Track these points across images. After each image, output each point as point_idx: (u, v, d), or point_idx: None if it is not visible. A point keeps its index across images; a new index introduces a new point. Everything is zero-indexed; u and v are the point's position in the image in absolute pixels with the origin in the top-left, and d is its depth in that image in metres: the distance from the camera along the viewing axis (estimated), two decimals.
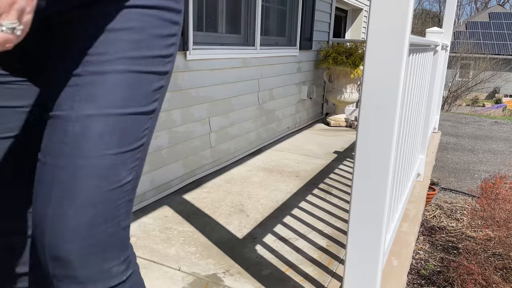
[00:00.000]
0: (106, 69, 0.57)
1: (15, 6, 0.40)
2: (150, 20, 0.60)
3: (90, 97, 0.56)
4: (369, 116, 1.11)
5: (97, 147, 0.56)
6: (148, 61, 0.61)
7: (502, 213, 3.03)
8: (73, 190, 0.56)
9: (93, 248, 0.59)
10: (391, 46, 1.05)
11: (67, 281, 0.58)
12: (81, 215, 0.57)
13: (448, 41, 3.69)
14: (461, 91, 16.59)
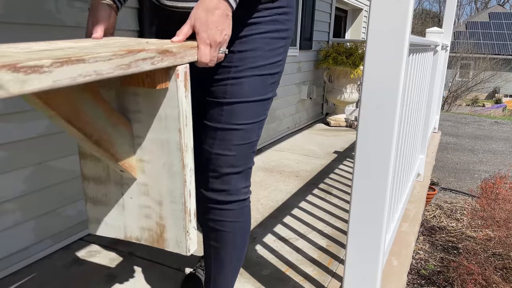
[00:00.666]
0: (240, 75, 0.97)
1: (225, 39, 0.82)
2: (266, 41, 0.98)
3: (233, 91, 0.98)
4: (369, 116, 1.11)
5: (240, 119, 0.99)
6: (265, 67, 0.99)
7: (502, 213, 3.03)
8: (227, 141, 1.00)
9: (236, 175, 1.03)
10: (391, 46, 1.05)
11: (219, 192, 1.03)
12: (230, 155, 1.01)
13: (448, 41, 3.69)
14: (461, 91, 16.59)
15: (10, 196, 1.46)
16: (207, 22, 0.80)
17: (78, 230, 1.77)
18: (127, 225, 0.91)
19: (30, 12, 1.44)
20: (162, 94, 0.77)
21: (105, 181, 0.90)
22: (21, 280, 1.48)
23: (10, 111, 1.42)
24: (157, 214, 0.87)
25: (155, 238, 0.89)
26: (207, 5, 0.80)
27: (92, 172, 0.91)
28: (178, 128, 0.78)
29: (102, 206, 0.93)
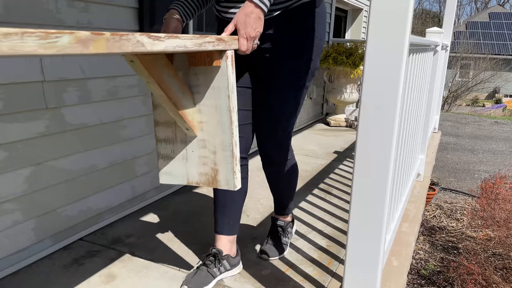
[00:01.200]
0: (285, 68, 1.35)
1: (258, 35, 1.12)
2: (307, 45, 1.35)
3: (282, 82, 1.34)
4: (369, 116, 1.11)
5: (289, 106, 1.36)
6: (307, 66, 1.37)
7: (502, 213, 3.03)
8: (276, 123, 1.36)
9: (282, 150, 1.45)
10: (391, 46, 1.05)
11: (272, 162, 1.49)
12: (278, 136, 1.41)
13: (448, 41, 3.69)
14: (461, 91, 16.59)
15: (10, 196, 1.46)
16: (245, 22, 1.12)
17: (78, 230, 1.77)
18: (189, 173, 1.26)
19: (30, 12, 1.44)
20: (216, 71, 1.10)
21: (173, 140, 1.26)
22: (21, 280, 1.48)
23: (10, 111, 1.42)
24: (212, 161, 1.20)
25: (210, 180, 1.22)
26: (245, 10, 1.12)
27: (163, 135, 1.27)
28: (228, 95, 1.11)
29: (170, 160, 1.28)
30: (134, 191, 2.06)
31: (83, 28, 1.65)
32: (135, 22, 1.93)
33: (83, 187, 1.76)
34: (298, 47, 1.33)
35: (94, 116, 1.76)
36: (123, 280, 1.50)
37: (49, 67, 1.53)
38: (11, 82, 1.41)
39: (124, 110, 1.91)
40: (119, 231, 1.87)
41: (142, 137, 2.06)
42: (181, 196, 2.30)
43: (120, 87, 1.87)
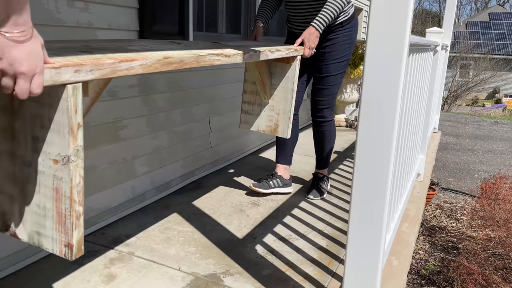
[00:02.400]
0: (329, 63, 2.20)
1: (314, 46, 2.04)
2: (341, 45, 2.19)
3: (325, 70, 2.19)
4: (369, 116, 1.11)
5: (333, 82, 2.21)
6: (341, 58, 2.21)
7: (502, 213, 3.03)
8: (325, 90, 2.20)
9: (328, 108, 2.24)
10: (391, 46, 1.05)
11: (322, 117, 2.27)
12: (326, 99, 2.22)
13: (448, 41, 3.69)
14: (461, 91, 16.59)
15: None
16: (309, 39, 1.97)
17: None
18: (259, 124, 2.05)
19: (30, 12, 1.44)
20: (289, 67, 1.90)
21: (253, 103, 2.05)
22: (21, 280, 1.48)
23: None
24: (275, 119, 2.00)
25: (271, 130, 2.02)
26: (310, 31, 1.98)
27: (247, 99, 2.05)
28: (293, 81, 1.91)
29: (249, 115, 2.07)
30: (134, 191, 2.06)
31: (83, 28, 1.65)
32: (135, 22, 1.93)
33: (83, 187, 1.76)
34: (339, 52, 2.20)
35: (94, 116, 1.76)
36: (123, 280, 1.50)
37: None
38: None
39: (124, 110, 1.91)
40: (119, 231, 1.87)
41: (142, 137, 2.06)
42: (181, 196, 2.30)
43: (120, 87, 1.87)
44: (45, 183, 0.88)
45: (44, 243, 0.92)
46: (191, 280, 1.52)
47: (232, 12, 3.07)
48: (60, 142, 0.83)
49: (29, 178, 0.89)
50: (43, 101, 0.83)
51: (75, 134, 0.83)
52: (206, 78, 2.55)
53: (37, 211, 0.91)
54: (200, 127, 2.55)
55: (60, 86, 0.79)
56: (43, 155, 0.86)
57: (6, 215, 0.94)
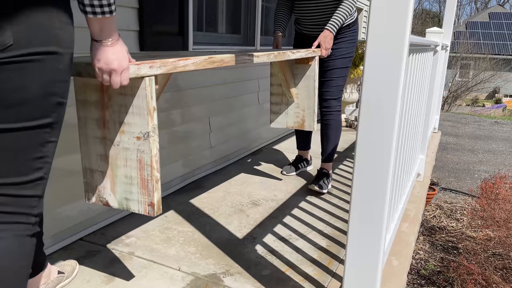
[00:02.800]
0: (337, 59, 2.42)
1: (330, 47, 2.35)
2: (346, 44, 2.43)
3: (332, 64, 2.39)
4: (369, 116, 1.11)
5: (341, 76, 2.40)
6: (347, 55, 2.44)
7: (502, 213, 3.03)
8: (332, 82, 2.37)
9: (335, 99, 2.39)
10: (391, 46, 1.05)
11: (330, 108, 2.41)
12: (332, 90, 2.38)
13: (448, 41, 3.69)
14: (461, 91, 16.59)
15: None
16: (325, 41, 2.24)
17: (78, 230, 1.77)
18: (288, 121, 2.35)
19: None
20: (308, 67, 2.20)
21: (280, 103, 2.36)
22: None
23: None
24: (301, 115, 2.30)
25: (299, 126, 2.33)
26: (325, 34, 2.24)
27: (275, 100, 2.36)
28: (314, 80, 2.21)
29: (277, 114, 2.38)
30: None
31: (83, 28, 1.65)
32: (135, 22, 1.93)
33: (83, 187, 1.76)
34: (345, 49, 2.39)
35: None
36: (123, 280, 1.50)
37: None
38: None
39: None
40: (119, 231, 1.87)
41: None
42: (181, 196, 2.30)
43: None
44: (131, 157, 1.17)
45: (132, 206, 1.22)
46: (191, 280, 1.52)
47: (232, 12, 3.07)
48: (141, 122, 1.13)
49: (118, 155, 1.19)
50: (127, 93, 1.13)
51: (152, 115, 1.13)
52: (206, 78, 2.55)
53: (125, 181, 1.20)
54: (200, 127, 2.55)
55: (139, 78, 1.09)
56: (128, 134, 1.16)
57: (100, 189, 1.25)
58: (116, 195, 1.24)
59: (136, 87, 1.11)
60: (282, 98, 2.36)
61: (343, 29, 2.37)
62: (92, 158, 1.25)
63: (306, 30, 2.44)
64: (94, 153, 1.24)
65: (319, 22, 2.34)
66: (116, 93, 1.15)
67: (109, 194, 1.25)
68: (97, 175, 1.25)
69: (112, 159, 1.21)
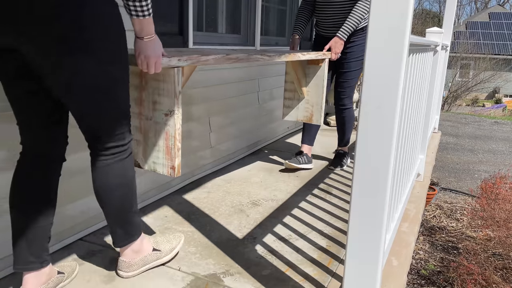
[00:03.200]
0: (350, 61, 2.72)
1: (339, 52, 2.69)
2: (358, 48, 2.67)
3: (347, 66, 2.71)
4: (369, 116, 1.11)
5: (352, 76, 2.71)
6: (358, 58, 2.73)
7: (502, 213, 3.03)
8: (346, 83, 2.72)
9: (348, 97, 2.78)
10: (391, 46, 1.05)
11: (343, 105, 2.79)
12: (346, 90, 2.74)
13: (448, 41, 3.69)
14: (461, 91, 16.59)
15: None
16: (335, 46, 2.53)
17: (78, 230, 1.77)
18: (298, 115, 2.67)
19: None
20: (319, 67, 2.49)
21: (292, 99, 2.67)
22: (21, 280, 1.48)
23: (10, 111, 1.42)
24: (310, 110, 2.62)
25: (308, 119, 2.65)
26: (336, 40, 2.51)
27: (288, 96, 2.67)
28: (323, 79, 2.51)
29: (289, 108, 2.70)
30: None
31: None
32: None
33: (83, 187, 1.76)
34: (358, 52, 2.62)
35: None
36: (123, 280, 1.50)
37: None
38: None
39: None
40: None
41: None
42: (181, 196, 2.30)
43: None
44: (159, 129, 1.47)
45: (158, 168, 1.52)
46: (191, 280, 1.52)
47: (232, 12, 3.07)
48: (169, 102, 1.42)
49: (149, 128, 1.49)
50: (159, 79, 1.42)
51: (177, 97, 1.41)
52: (207, 78, 2.55)
53: (153, 148, 1.50)
54: (200, 127, 2.55)
55: (170, 68, 1.37)
56: (158, 111, 1.46)
57: (134, 154, 1.55)
58: (146, 159, 1.54)
59: (167, 74, 1.39)
60: (294, 94, 2.66)
61: (357, 32, 2.58)
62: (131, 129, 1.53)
63: (324, 32, 2.70)
64: (132, 125, 1.54)
65: (335, 24, 2.61)
66: (152, 78, 1.44)
67: (141, 158, 1.56)
68: (133, 143, 1.56)
69: (145, 131, 1.52)
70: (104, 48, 1.16)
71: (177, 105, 1.43)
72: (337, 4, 2.53)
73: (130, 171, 1.36)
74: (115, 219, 1.39)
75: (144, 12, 1.21)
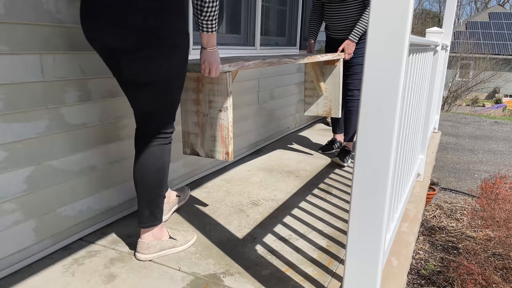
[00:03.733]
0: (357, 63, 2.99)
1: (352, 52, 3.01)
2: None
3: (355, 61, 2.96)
4: (369, 116, 1.11)
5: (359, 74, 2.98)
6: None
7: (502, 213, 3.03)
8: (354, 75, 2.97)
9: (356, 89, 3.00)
10: (391, 46, 1.05)
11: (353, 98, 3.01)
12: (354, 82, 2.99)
13: (448, 41, 3.69)
14: (461, 91, 16.58)
15: (10, 196, 1.46)
16: (347, 48, 2.86)
17: (78, 230, 1.77)
18: (318, 110, 3.05)
19: (30, 12, 1.44)
20: (334, 67, 2.90)
21: (312, 96, 3.06)
22: (21, 280, 1.48)
23: (10, 111, 1.42)
24: (329, 105, 3.02)
25: (328, 113, 3.03)
26: (348, 42, 2.85)
27: (308, 93, 3.06)
28: (339, 77, 2.90)
29: (310, 105, 3.08)
30: (134, 191, 2.06)
31: None
32: None
33: (83, 187, 1.76)
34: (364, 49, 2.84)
35: (94, 116, 1.76)
36: (123, 280, 1.50)
37: (49, 67, 1.53)
38: (11, 82, 1.41)
39: (124, 109, 1.91)
40: (119, 231, 1.87)
41: None
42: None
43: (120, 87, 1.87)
44: (215, 123, 1.84)
45: (215, 155, 1.89)
46: (191, 280, 1.52)
47: (232, 12, 3.07)
48: (222, 100, 1.79)
49: (206, 122, 1.87)
50: (214, 82, 1.78)
51: (229, 96, 1.78)
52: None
53: (210, 139, 1.88)
54: None
55: (223, 73, 1.73)
56: (213, 108, 1.83)
57: (193, 145, 1.94)
58: (204, 148, 1.92)
59: (221, 78, 1.76)
60: (314, 92, 3.04)
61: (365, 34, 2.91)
62: (189, 124, 1.92)
63: (334, 34, 3.01)
64: (191, 121, 1.92)
65: (344, 27, 2.93)
66: (207, 82, 1.80)
67: (199, 148, 1.93)
68: (192, 136, 1.94)
69: (202, 125, 1.89)
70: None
71: (229, 102, 1.80)
72: (344, 13, 2.89)
73: (166, 157, 1.59)
74: (146, 200, 1.59)
75: (212, 29, 1.51)
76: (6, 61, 1.38)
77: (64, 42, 1.58)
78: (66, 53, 1.59)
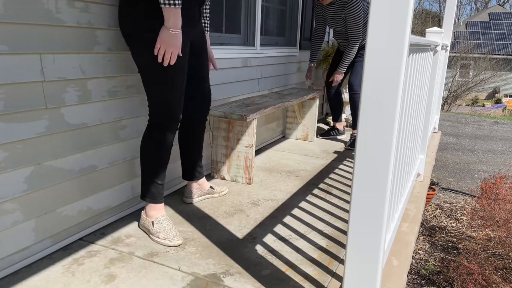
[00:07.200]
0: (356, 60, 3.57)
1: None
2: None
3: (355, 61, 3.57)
4: (369, 116, 1.11)
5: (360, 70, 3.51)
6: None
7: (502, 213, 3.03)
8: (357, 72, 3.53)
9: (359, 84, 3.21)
10: (391, 46, 1.05)
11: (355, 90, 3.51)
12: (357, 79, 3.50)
13: (448, 41, 3.69)
14: (461, 91, 16.58)
15: (10, 196, 1.46)
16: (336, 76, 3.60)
17: (78, 230, 1.77)
18: (297, 134, 3.72)
19: (30, 12, 1.44)
20: (313, 102, 3.61)
21: (292, 122, 3.71)
22: (21, 280, 1.48)
23: (10, 111, 1.42)
24: (306, 131, 3.68)
25: (304, 138, 3.70)
26: (336, 72, 3.58)
27: (289, 121, 3.71)
28: (316, 109, 3.58)
29: (291, 130, 3.74)
30: (134, 191, 2.06)
31: (83, 28, 1.65)
32: None
33: (83, 187, 1.76)
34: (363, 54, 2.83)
35: (94, 116, 1.76)
36: (123, 280, 1.50)
37: (49, 67, 1.53)
38: (11, 82, 1.41)
39: (124, 110, 1.91)
40: (119, 231, 1.87)
41: (141, 137, 2.05)
42: (181, 196, 2.30)
43: (120, 87, 1.87)
44: (241, 155, 2.46)
45: (238, 179, 2.52)
46: (191, 280, 1.52)
47: (232, 12, 3.07)
48: (248, 139, 2.41)
49: (233, 155, 2.47)
50: (242, 125, 2.41)
51: (254, 136, 2.40)
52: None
53: (236, 167, 2.50)
54: None
55: (250, 120, 2.37)
56: (241, 144, 2.43)
57: (220, 171, 2.55)
58: (229, 174, 2.53)
59: (248, 123, 2.38)
60: (294, 119, 3.67)
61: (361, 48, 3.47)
62: (218, 155, 2.52)
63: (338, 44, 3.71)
64: (220, 153, 2.51)
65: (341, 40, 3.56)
66: (237, 125, 2.41)
67: (226, 173, 2.53)
68: (220, 164, 2.54)
69: (230, 156, 2.49)
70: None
71: (254, 140, 2.39)
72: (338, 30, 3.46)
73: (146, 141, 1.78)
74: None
75: (170, 1, 1.42)
76: (6, 61, 1.38)
77: (64, 42, 1.58)
78: (66, 53, 1.59)
